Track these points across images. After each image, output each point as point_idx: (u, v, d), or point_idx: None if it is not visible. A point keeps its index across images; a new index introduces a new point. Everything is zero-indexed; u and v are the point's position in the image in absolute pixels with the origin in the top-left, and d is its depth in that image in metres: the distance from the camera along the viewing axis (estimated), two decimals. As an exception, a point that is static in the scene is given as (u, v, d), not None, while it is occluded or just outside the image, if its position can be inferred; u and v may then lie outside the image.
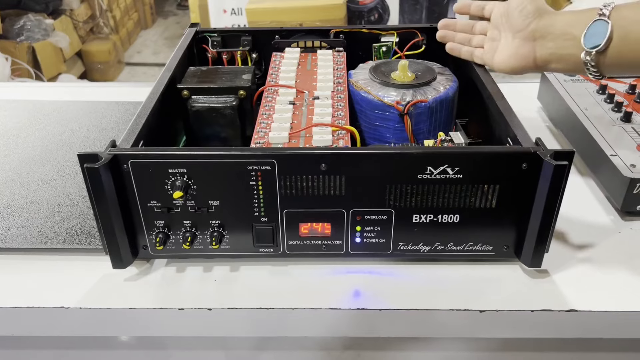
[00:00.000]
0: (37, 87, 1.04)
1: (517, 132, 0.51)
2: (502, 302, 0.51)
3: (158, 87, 0.60)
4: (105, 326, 0.52)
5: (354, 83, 0.64)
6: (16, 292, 0.52)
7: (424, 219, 0.52)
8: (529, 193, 0.49)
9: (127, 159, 0.48)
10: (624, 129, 0.66)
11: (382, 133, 0.62)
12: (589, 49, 0.54)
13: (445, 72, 0.66)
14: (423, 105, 0.60)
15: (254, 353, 0.61)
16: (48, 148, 0.75)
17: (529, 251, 0.51)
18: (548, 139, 0.76)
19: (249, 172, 0.49)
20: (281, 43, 0.76)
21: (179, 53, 0.70)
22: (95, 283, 0.53)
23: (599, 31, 0.53)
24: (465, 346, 0.59)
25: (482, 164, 0.49)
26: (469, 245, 0.53)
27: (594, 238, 0.58)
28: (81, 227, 0.59)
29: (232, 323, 0.52)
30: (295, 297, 0.52)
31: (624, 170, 0.59)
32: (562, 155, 0.47)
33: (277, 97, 0.63)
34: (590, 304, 0.50)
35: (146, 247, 0.53)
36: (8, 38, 2.40)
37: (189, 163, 0.48)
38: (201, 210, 0.51)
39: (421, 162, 0.48)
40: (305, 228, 0.52)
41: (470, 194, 0.50)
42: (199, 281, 0.54)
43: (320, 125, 0.56)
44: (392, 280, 0.54)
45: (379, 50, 0.76)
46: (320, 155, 0.48)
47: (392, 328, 0.52)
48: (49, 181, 0.67)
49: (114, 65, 2.89)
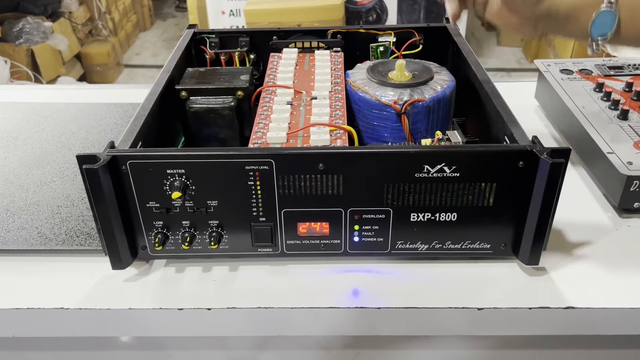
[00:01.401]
0: (36, 90, 1.04)
1: (514, 131, 0.52)
2: (500, 299, 0.51)
3: (156, 89, 0.60)
4: (105, 327, 0.52)
5: (352, 83, 0.64)
6: (16, 293, 0.53)
7: (421, 217, 0.52)
8: (526, 191, 0.49)
9: (125, 160, 0.48)
10: (621, 127, 0.67)
11: (379, 132, 0.62)
12: (596, 37, 0.52)
13: (442, 71, 0.66)
14: (420, 104, 0.60)
15: (254, 352, 0.61)
16: (47, 150, 0.75)
17: (527, 249, 0.52)
18: (545, 137, 0.77)
19: (247, 172, 0.49)
20: (279, 44, 0.76)
21: (177, 54, 0.70)
22: (94, 284, 0.53)
23: (606, 22, 0.51)
24: (464, 344, 0.59)
25: (479, 162, 0.49)
26: (466, 244, 0.53)
27: (592, 235, 0.59)
28: (80, 229, 0.59)
29: (232, 323, 0.52)
30: (294, 296, 0.52)
31: (621, 168, 0.59)
32: (559, 153, 0.47)
33: (275, 97, 0.63)
34: (588, 301, 0.50)
35: (145, 248, 0.53)
36: (7, 41, 2.41)
37: (187, 164, 0.49)
38: (200, 210, 0.51)
39: (418, 161, 0.49)
40: (303, 227, 0.53)
41: (467, 193, 0.50)
42: (198, 281, 0.54)
43: (318, 125, 0.56)
44: (391, 279, 0.54)
45: (376, 50, 0.76)
46: (318, 155, 0.49)
47: (391, 326, 0.52)
48: (49, 183, 0.67)
49: (113, 67, 2.89)
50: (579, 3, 0.52)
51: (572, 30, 0.54)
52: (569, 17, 0.53)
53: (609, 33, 0.51)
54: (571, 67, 0.81)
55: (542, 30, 0.56)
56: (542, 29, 0.55)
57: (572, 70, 0.80)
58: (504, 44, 3.07)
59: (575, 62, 0.82)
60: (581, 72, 0.80)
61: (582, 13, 0.52)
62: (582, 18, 0.52)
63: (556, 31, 0.56)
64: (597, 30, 0.52)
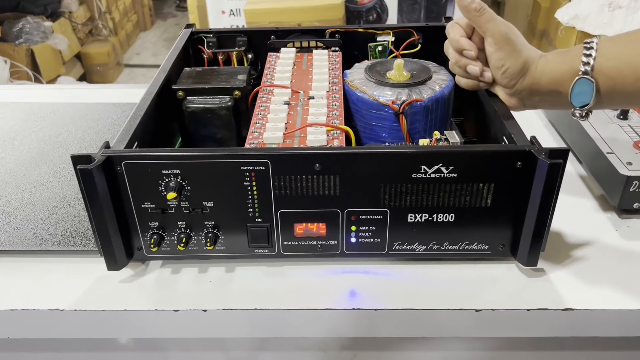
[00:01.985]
0: (34, 90, 1.04)
1: (512, 131, 0.51)
2: (498, 301, 0.50)
3: (153, 88, 0.60)
4: (101, 328, 0.52)
5: (350, 83, 0.64)
6: (11, 294, 0.52)
7: (419, 218, 0.51)
8: (525, 191, 0.49)
9: (120, 161, 0.48)
10: (621, 127, 0.66)
11: (377, 132, 0.62)
12: (578, 107, 0.52)
13: (440, 71, 0.66)
14: (418, 104, 0.60)
15: (250, 354, 0.61)
16: (44, 150, 0.75)
17: (525, 250, 0.51)
18: (544, 137, 0.76)
19: (242, 172, 0.49)
20: (277, 43, 0.76)
21: (174, 54, 0.70)
22: (90, 285, 0.53)
23: (585, 90, 0.51)
24: (462, 345, 0.59)
25: (477, 162, 0.48)
26: (464, 245, 0.53)
27: (591, 236, 0.58)
28: (76, 229, 0.59)
29: (228, 324, 0.52)
30: (291, 297, 0.51)
31: (621, 168, 0.59)
32: (557, 153, 0.47)
33: (272, 97, 0.63)
34: (587, 302, 0.50)
35: (141, 249, 0.53)
36: (7, 41, 2.40)
37: (183, 164, 0.48)
38: (195, 211, 0.51)
39: (416, 162, 0.48)
40: (300, 228, 0.52)
41: (465, 193, 0.50)
42: (194, 282, 0.53)
43: (314, 125, 0.56)
44: (388, 280, 0.53)
45: (374, 50, 0.76)
46: (315, 155, 0.48)
47: (389, 328, 0.52)
48: (45, 183, 0.67)
49: (113, 67, 2.89)
50: (558, 76, 0.53)
51: (557, 101, 0.55)
52: (551, 91, 0.54)
53: (590, 101, 0.51)
54: (571, 67, 0.80)
55: (529, 105, 0.57)
56: (529, 105, 0.57)
57: (572, 69, 0.80)
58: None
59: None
60: (581, 71, 0.79)
61: (562, 86, 0.53)
62: (562, 90, 0.53)
63: (542, 104, 0.57)
64: (577, 100, 0.52)
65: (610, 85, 0.50)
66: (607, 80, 0.50)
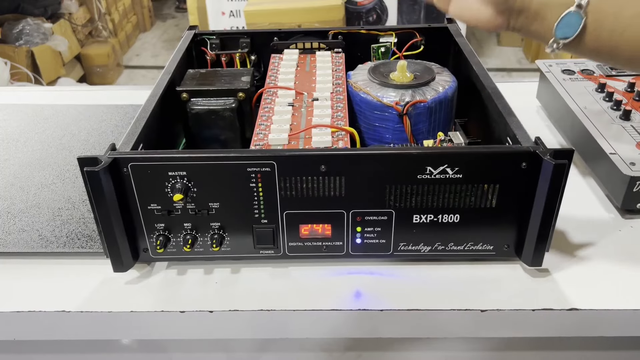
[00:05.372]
0: (36, 91, 1.04)
1: (517, 132, 0.51)
2: (503, 301, 0.51)
3: (157, 90, 0.60)
4: (107, 330, 0.52)
5: (353, 84, 0.64)
6: (17, 296, 0.52)
7: (424, 219, 0.52)
8: (529, 192, 0.49)
9: (127, 162, 0.48)
10: (623, 127, 0.66)
11: (381, 134, 0.62)
12: (558, 38, 0.52)
13: (444, 72, 0.66)
14: (422, 105, 0.60)
15: (256, 355, 0.61)
16: (48, 152, 0.75)
17: (530, 250, 0.51)
18: (547, 138, 0.76)
19: (248, 174, 0.49)
20: (280, 45, 0.76)
21: (177, 56, 0.70)
22: (96, 287, 0.53)
23: (572, 23, 0.51)
24: (467, 346, 0.59)
25: (482, 163, 0.49)
26: (469, 245, 0.53)
27: (594, 236, 0.58)
28: (82, 231, 0.59)
29: (234, 325, 0.52)
30: (297, 298, 0.52)
31: (624, 169, 0.59)
32: (562, 154, 0.47)
33: (276, 98, 0.63)
34: (591, 302, 0.50)
35: (147, 250, 0.53)
36: (7, 42, 2.40)
37: (189, 166, 0.48)
38: (201, 212, 0.51)
39: (421, 163, 0.48)
40: (305, 229, 0.52)
41: (470, 194, 0.50)
42: (199, 284, 0.54)
43: (319, 126, 0.56)
44: (393, 281, 0.54)
45: (377, 51, 0.76)
46: (320, 157, 0.48)
47: (394, 329, 0.52)
48: (49, 185, 0.67)
49: (113, 68, 2.89)
50: (549, 0, 0.52)
51: (538, 28, 0.54)
52: (537, 14, 0.53)
53: (572, 36, 0.51)
54: (573, 68, 0.81)
55: (512, 25, 0.55)
56: (513, 24, 0.55)
57: (574, 70, 0.80)
58: (504, 44, 3.07)
59: (576, 63, 0.82)
60: (583, 72, 0.80)
61: (550, 11, 0.52)
62: (549, 16, 0.52)
63: (524, 28, 0.55)
64: (561, 31, 0.52)
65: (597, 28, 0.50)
66: (594, 23, 0.50)
